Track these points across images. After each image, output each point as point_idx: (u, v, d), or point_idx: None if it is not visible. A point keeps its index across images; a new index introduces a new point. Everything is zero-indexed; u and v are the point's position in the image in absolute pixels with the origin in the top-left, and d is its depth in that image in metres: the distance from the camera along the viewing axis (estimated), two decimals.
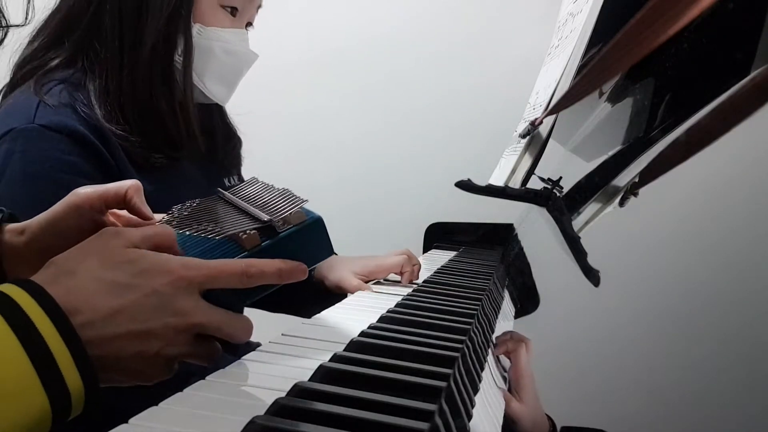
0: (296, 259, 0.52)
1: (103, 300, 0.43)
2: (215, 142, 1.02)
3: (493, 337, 0.69)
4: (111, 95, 0.83)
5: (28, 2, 0.64)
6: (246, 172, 1.10)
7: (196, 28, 0.86)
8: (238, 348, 1.11)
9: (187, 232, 0.57)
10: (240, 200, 0.62)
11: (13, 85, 0.87)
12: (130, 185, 0.55)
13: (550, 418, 0.52)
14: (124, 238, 0.48)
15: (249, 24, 0.96)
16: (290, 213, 0.56)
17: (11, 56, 0.88)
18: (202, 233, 0.56)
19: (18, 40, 0.86)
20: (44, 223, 0.54)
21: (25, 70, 0.86)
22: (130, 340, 0.44)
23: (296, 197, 0.58)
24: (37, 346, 0.39)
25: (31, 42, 0.88)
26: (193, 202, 0.62)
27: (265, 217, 0.56)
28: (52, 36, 0.87)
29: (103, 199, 0.54)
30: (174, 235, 0.52)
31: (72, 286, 0.43)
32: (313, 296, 1.04)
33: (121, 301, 0.44)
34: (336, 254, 1.07)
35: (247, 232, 0.55)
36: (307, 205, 0.58)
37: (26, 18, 0.64)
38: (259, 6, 0.95)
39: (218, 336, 0.49)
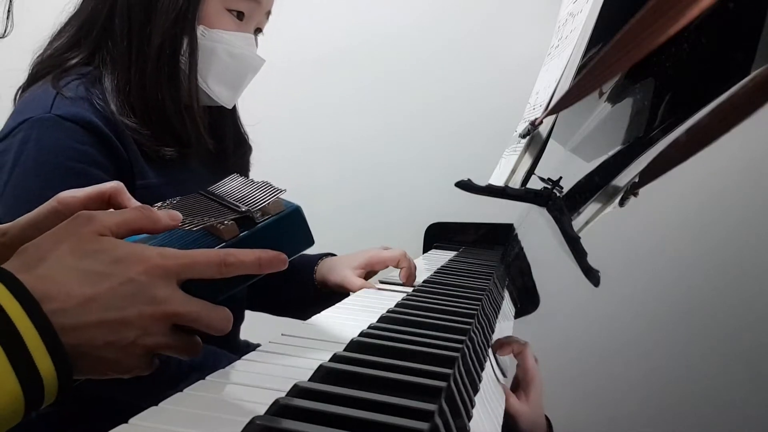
0: (276, 250, 0.51)
1: (76, 287, 0.43)
2: (225, 146, 1.03)
3: (493, 337, 0.69)
4: (122, 92, 0.85)
5: (7, 17, 0.64)
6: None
7: (200, 30, 0.88)
8: (238, 348, 1.12)
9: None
10: (219, 195, 0.61)
11: (30, 81, 0.90)
12: (110, 186, 0.54)
13: (547, 419, 0.52)
14: (98, 224, 0.46)
15: (259, 30, 0.96)
16: (268, 203, 0.56)
17: (32, 57, 0.92)
18: (180, 226, 0.55)
19: (38, 41, 0.91)
20: (26, 225, 0.54)
21: (44, 67, 0.89)
22: (104, 328, 0.43)
23: (275, 188, 0.58)
24: (8, 331, 0.39)
25: (51, 42, 0.91)
26: (173, 200, 0.62)
27: (243, 207, 0.56)
28: (71, 38, 0.90)
29: (85, 204, 0.54)
30: (153, 213, 0.51)
31: (43, 273, 0.43)
32: (314, 299, 1.04)
33: (95, 289, 0.43)
34: (331, 254, 1.08)
35: (225, 222, 0.54)
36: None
37: (4, 31, 0.64)
38: (269, 12, 0.96)
39: (196, 327, 0.48)
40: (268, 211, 0.56)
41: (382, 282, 0.97)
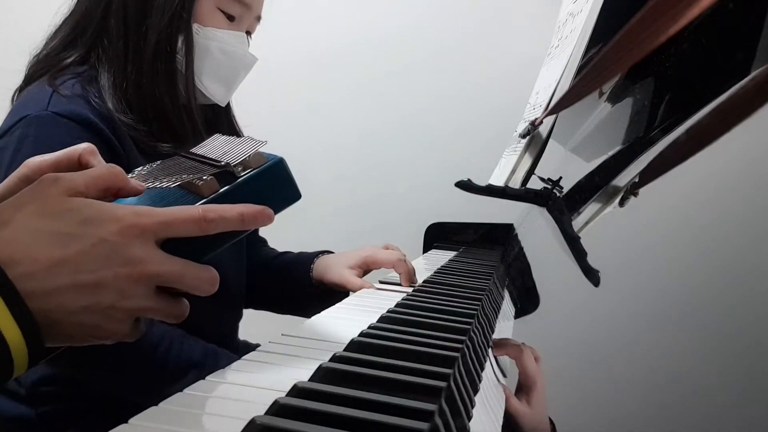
0: (260, 204, 0.49)
1: (43, 251, 0.40)
2: None
3: (493, 337, 0.69)
4: (119, 89, 0.86)
5: None
6: None
7: (194, 27, 0.88)
8: (238, 348, 1.12)
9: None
10: (201, 154, 0.58)
11: (27, 82, 0.91)
12: (83, 148, 0.51)
13: (551, 421, 0.52)
14: (64, 185, 0.44)
15: (248, 34, 0.97)
16: (249, 156, 0.53)
17: (29, 58, 0.92)
18: (157, 185, 0.53)
19: (33, 42, 0.92)
20: None
21: (41, 68, 0.90)
22: (76, 292, 0.41)
23: (256, 141, 0.55)
24: None
25: (47, 43, 0.92)
26: (152, 164, 0.59)
27: (223, 162, 0.53)
28: (66, 38, 0.90)
29: (55, 167, 0.51)
30: (122, 171, 0.48)
31: (7, 237, 0.40)
32: (312, 296, 1.04)
33: (64, 252, 0.41)
34: (329, 251, 1.08)
35: (204, 178, 0.51)
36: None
37: None
38: (259, 17, 0.97)
39: (180, 288, 0.46)
40: (249, 164, 0.53)
41: (381, 282, 0.97)
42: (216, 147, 0.58)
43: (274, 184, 0.54)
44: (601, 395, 0.41)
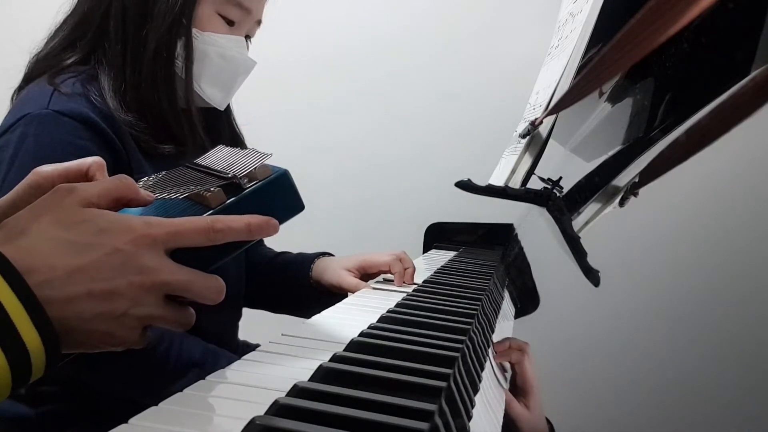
0: (266, 215, 0.50)
1: (60, 259, 0.41)
2: None
3: (493, 336, 0.69)
4: (118, 92, 0.86)
5: None
6: None
7: (193, 32, 0.88)
8: (238, 348, 1.12)
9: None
10: (206, 165, 0.60)
11: (27, 80, 0.91)
12: (92, 161, 0.53)
13: (549, 422, 0.52)
14: (79, 195, 0.45)
15: (248, 38, 0.97)
16: (255, 168, 0.54)
17: (28, 57, 0.92)
18: (165, 196, 0.54)
19: (34, 42, 0.91)
20: (5, 205, 0.52)
21: (40, 67, 0.89)
22: (93, 299, 0.42)
23: (261, 153, 0.56)
24: None
25: (47, 43, 0.91)
26: (159, 174, 0.61)
27: (230, 174, 0.55)
28: (66, 39, 0.90)
29: (64, 177, 0.52)
30: (133, 182, 0.49)
31: (26, 245, 0.41)
32: (311, 297, 1.05)
33: (80, 260, 0.42)
34: (329, 253, 1.09)
35: (211, 189, 0.53)
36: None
37: None
38: (259, 21, 0.96)
39: (188, 296, 0.47)
40: (255, 176, 0.54)
41: (383, 281, 0.97)
42: (221, 158, 0.60)
43: (279, 196, 0.55)
44: (601, 395, 0.41)
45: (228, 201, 0.53)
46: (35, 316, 0.39)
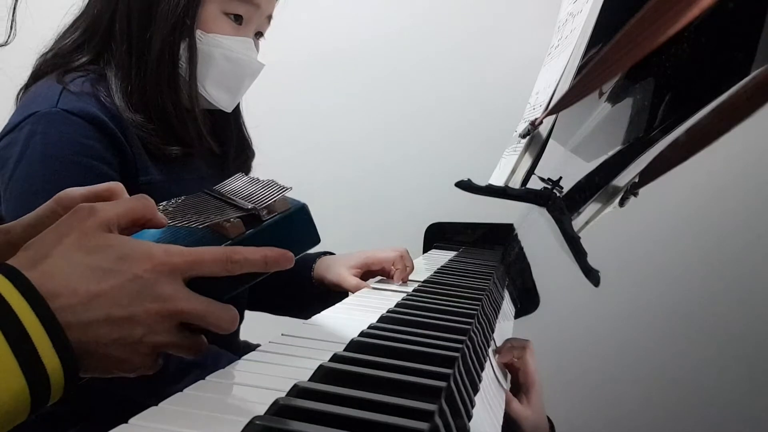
0: (282, 248, 0.51)
1: (82, 284, 0.42)
2: (227, 150, 1.03)
3: (493, 336, 0.69)
4: (125, 93, 0.86)
5: (11, 26, 0.64)
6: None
7: (197, 34, 0.88)
8: (238, 348, 1.12)
9: (171, 223, 0.56)
10: (225, 193, 0.61)
11: (34, 79, 0.91)
12: (112, 188, 0.54)
13: (549, 420, 0.52)
14: (100, 216, 0.46)
15: (260, 34, 0.96)
16: (274, 201, 0.56)
17: (35, 56, 0.92)
18: (186, 224, 0.55)
19: (42, 42, 0.92)
20: (27, 225, 0.54)
21: (47, 66, 0.90)
22: (111, 325, 0.43)
23: (280, 186, 0.58)
24: (14, 328, 0.38)
25: (55, 43, 0.92)
26: (178, 199, 0.62)
27: (249, 205, 0.56)
28: (76, 41, 0.91)
29: (84, 201, 0.52)
30: (152, 203, 0.50)
31: (49, 270, 0.42)
32: (313, 297, 1.04)
33: (101, 286, 0.43)
34: (330, 253, 1.09)
35: (231, 220, 0.54)
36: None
37: (6, 39, 0.64)
38: (270, 17, 0.95)
39: (202, 325, 0.47)
40: (274, 208, 0.56)
41: (381, 281, 0.97)
42: (240, 187, 0.61)
43: (296, 229, 0.57)
44: (601, 395, 0.41)
45: (247, 232, 0.54)
46: (57, 341, 0.40)
